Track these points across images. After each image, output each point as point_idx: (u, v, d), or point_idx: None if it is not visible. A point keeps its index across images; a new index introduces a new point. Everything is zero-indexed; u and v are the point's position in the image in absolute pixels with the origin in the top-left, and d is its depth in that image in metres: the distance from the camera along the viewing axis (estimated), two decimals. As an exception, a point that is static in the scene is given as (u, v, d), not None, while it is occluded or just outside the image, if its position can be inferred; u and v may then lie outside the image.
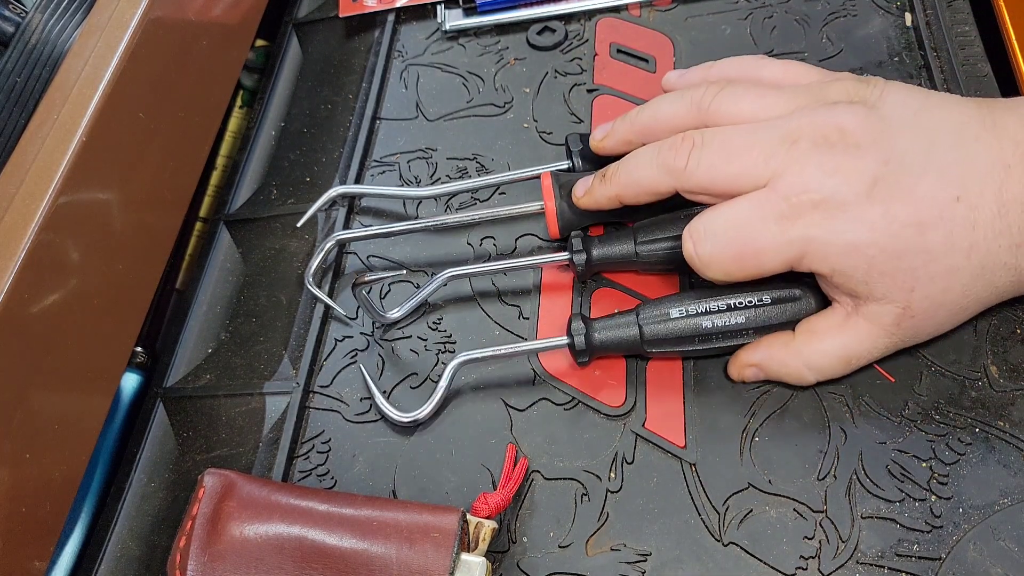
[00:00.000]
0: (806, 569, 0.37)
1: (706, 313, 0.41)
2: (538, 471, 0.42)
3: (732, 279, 0.40)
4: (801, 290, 0.41)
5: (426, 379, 0.46)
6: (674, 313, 0.42)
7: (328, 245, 0.51)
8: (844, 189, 0.36)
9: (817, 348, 0.40)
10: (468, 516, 0.38)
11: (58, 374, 0.42)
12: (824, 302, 0.41)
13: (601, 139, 0.48)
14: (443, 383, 0.44)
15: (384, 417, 0.45)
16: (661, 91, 0.53)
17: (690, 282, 0.47)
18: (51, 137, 0.43)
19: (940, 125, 0.38)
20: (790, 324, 0.41)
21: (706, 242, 0.39)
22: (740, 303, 0.41)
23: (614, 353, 0.44)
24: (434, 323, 0.48)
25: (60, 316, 0.41)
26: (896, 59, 0.54)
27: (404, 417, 0.44)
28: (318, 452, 0.45)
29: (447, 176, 0.55)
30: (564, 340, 0.43)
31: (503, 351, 0.44)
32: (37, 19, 0.49)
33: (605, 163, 0.47)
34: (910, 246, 0.36)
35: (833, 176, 0.37)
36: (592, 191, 0.45)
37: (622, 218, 0.48)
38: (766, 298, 0.41)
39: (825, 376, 0.41)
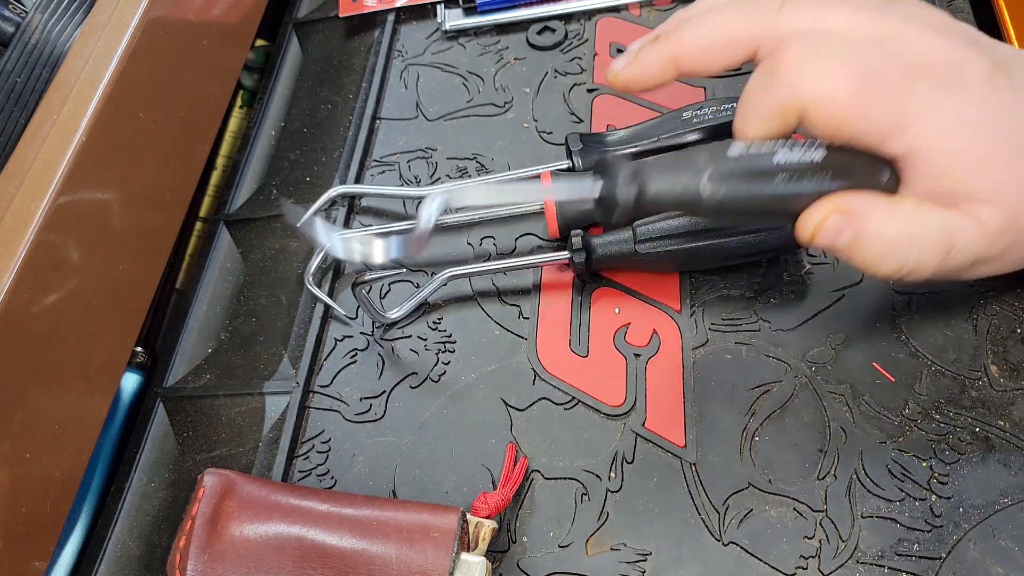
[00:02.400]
0: (806, 569, 0.37)
1: None
2: (538, 471, 0.42)
3: (825, 122, 0.32)
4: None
5: (426, 379, 0.46)
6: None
7: (328, 245, 0.51)
8: (968, 66, 0.32)
9: (928, 218, 0.33)
10: (468, 516, 0.38)
11: (58, 374, 0.42)
12: None
13: (623, 67, 0.38)
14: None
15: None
16: (660, 91, 0.53)
17: (691, 280, 0.47)
18: (51, 137, 0.43)
19: None
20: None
21: (820, 55, 0.31)
22: None
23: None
24: (434, 323, 0.48)
25: (60, 316, 0.41)
26: (896, 59, 0.53)
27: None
28: (318, 452, 0.45)
29: (447, 176, 0.55)
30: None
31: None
32: (37, 19, 0.49)
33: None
34: None
35: (956, 51, 0.32)
36: (639, 58, 0.37)
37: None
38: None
39: (919, 267, 0.33)
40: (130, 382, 0.52)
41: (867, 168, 0.33)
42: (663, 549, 0.39)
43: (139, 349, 0.54)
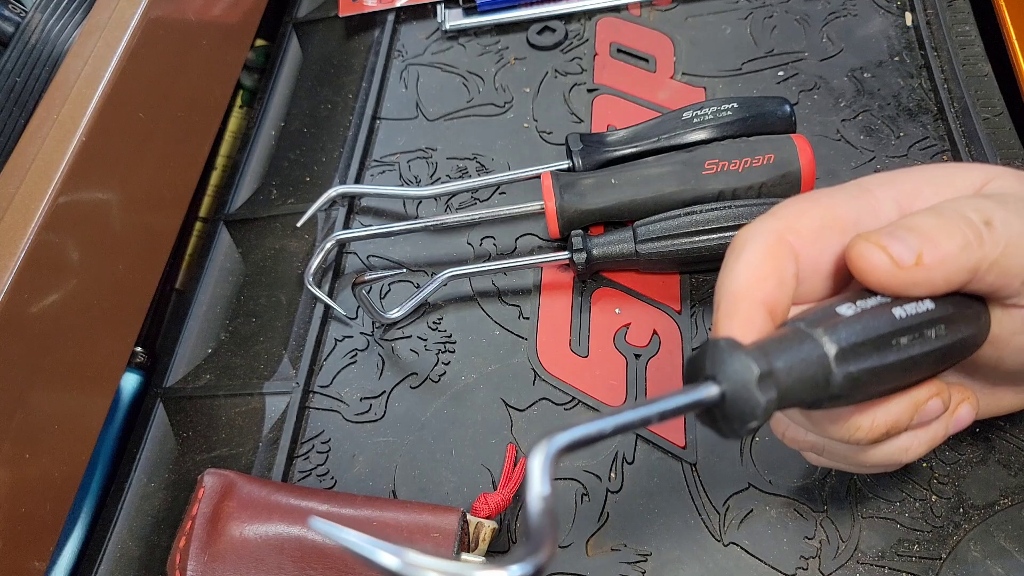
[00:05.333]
0: (806, 569, 0.37)
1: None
2: (538, 471, 0.42)
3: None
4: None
5: (426, 379, 0.46)
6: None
7: (328, 245, 0.51)
8: None
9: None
10: (468, 516, 0.38)
11: (58, 374, 0.41)
12: None
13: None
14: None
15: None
16: (660, 91, 0.53)
17: (691, 280, 0.47)
18: (51, 137, 0.43)
19: None
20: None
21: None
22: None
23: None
24: (434, 323, 0.48)
25: (60, 316, 0.41)
26: (896, 59, 0.53)
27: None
28: (318, 452, 0.45)
29: (447, 176, 0.55)
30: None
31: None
32: (37, 19, 0.49)
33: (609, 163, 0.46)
34: None
35: None
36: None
37: (621, 217, 0.48)
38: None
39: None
40: (130, 382, 0.52)
41: (970, 312, 0.29)
42: (663, 550, 0.39)
43: (139, 349, 0.54)
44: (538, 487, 0.22)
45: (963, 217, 0.27)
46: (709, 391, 0.24)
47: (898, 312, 0.27)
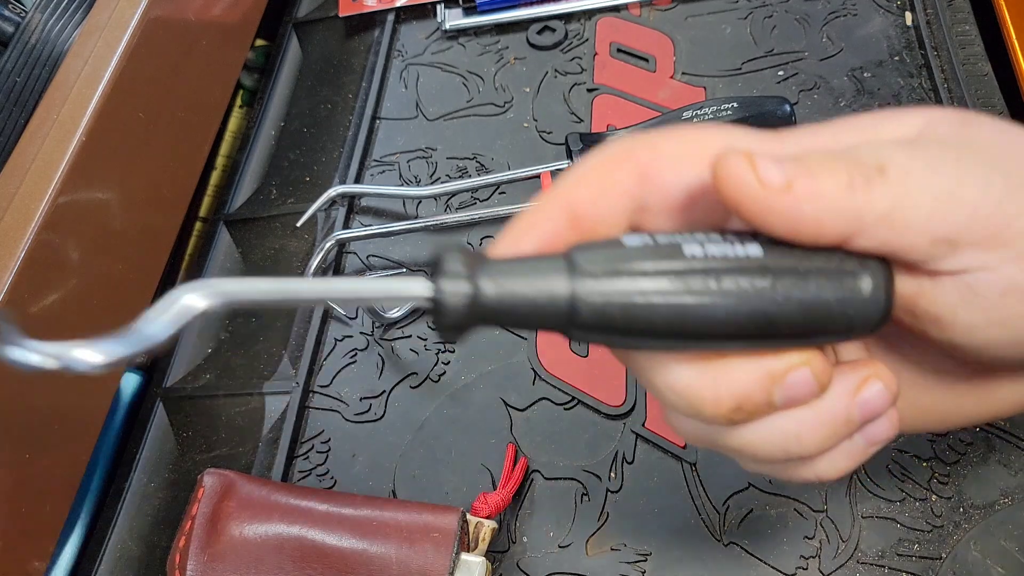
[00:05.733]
0: (807, 569, 0.37)
1: (707, 271, 0.22)
2: (538, 471, 0.42)
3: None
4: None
5: (426, 379, 0.46)
6: (648, 266, 0.22)
7: (328, 245, 0.51)
8: None
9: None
10: (468, 516, 0.38)
11: (58, 374, 0.41)
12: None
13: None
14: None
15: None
16: (660, 91, 0.53)
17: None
18: (51, 137, 0.43)
19: None
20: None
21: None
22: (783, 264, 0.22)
23: (522, 324, 0.22)
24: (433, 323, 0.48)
25: (59, 316, 0.41)
26: (896, 58, 0.53)
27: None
28: (318, 452, 0.45)
29: (447, 176, 0.55)
30: (425, 290, 0.22)
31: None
32: (37, 19, 0.49)
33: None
34: None
35: None
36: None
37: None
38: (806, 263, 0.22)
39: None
40: (130, 382, 0.52)
41: (841, 274, 0.22)
42: (663, 549, 0.39)
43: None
44: (160, 328, 0.20)
45: (853, 159, 0.22)
46: (418, 285, 0.22)
47: (692, 247, 0.22)
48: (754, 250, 0.22)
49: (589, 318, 0.21)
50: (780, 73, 0.55)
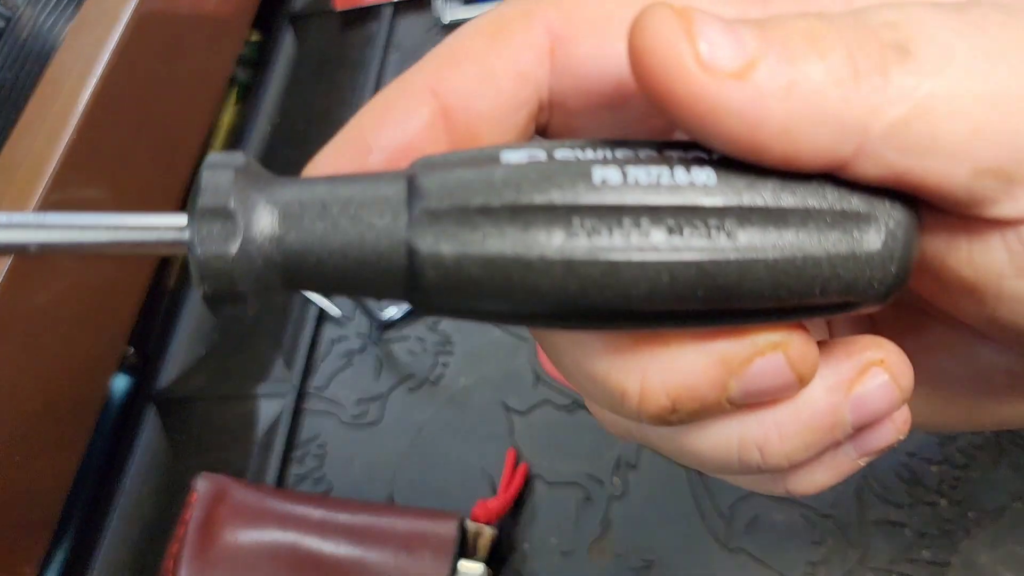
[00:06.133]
0: (814, 575, 0.37)
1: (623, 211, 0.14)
2: (539, 476, 0.41)
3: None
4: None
5: (424, 381, 0.46)
6: (533, 198, 0.14)
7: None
8: None
9: None
10: (467, 522, 0.38)
11: (48, 376, 0.41)
12: None
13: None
14: None
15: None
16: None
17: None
18: (42, 133, 0.43)
19: None
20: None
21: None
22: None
23: (336, 289, 0.15)
24: (432, 324, 0.48)
25: (50, 317, 0.41)
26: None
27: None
28: (313, 456, 0.44)
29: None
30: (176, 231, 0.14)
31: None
32: (28, 14, 0.49)
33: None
34: None
35: None
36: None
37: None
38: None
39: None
40: (121, 384, 0.52)
41: (840, 221, 0.15)
42: (668, 556, 0.38)
43: (131, 351, 0.53)
44: None
45: (858, 29, 0.14)
46: (173, 223, 0.14)
47: (606, 171, 0.14)
48: (703, 177, 0.14)
49: (436, 282, 0.14)
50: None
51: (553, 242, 0.14)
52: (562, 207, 0.14)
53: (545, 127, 0.17)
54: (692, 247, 0.14)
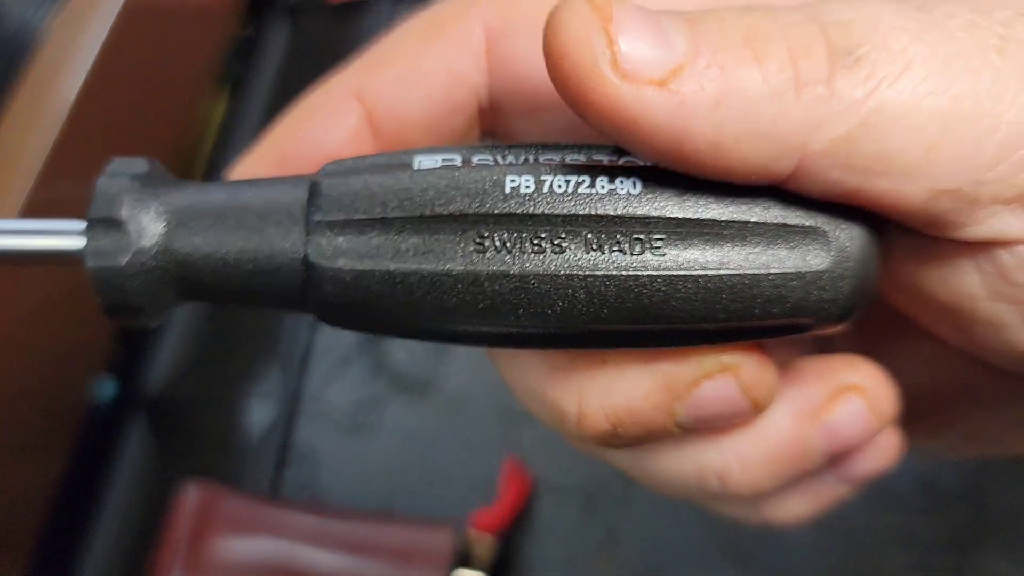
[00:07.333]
0: (826, 585, 0.36)
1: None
2: (541, 483, 0.41)
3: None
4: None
5: (422, 386, 0.45)
6: (438, 208, 0.13)
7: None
8: None
9: None
10: (466, 531, 0.38)
11: (31, 381, 0.41)
12: None
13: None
14: None
15: None
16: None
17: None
18: (29, 129, 0.42)
19: None
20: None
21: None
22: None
23: (237, 300, 0.15)
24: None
25: (34, 318, 0.41)
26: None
27: None
28: (307, 463, 0.44)
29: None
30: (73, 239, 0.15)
31: None
32: (12, 5, 0.48)
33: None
34: None
35: None
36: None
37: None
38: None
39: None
40: (108, 390, 0.51)
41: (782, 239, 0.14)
42: (674, 565, 0.38)
43: (118, 356, 0.53)
44: None
45: (804, 29, 0.13)
46: (70, 230, 0.14)
47: (521, 178, 0.13)
48: (627, 186, 0.13)
49: (335, 297, 0.13)
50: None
51: (459, 256, 0.13)
52: (471, 217, 0.13)
53: (491, 133, 0.16)
54: (611, 263, 0.13)
